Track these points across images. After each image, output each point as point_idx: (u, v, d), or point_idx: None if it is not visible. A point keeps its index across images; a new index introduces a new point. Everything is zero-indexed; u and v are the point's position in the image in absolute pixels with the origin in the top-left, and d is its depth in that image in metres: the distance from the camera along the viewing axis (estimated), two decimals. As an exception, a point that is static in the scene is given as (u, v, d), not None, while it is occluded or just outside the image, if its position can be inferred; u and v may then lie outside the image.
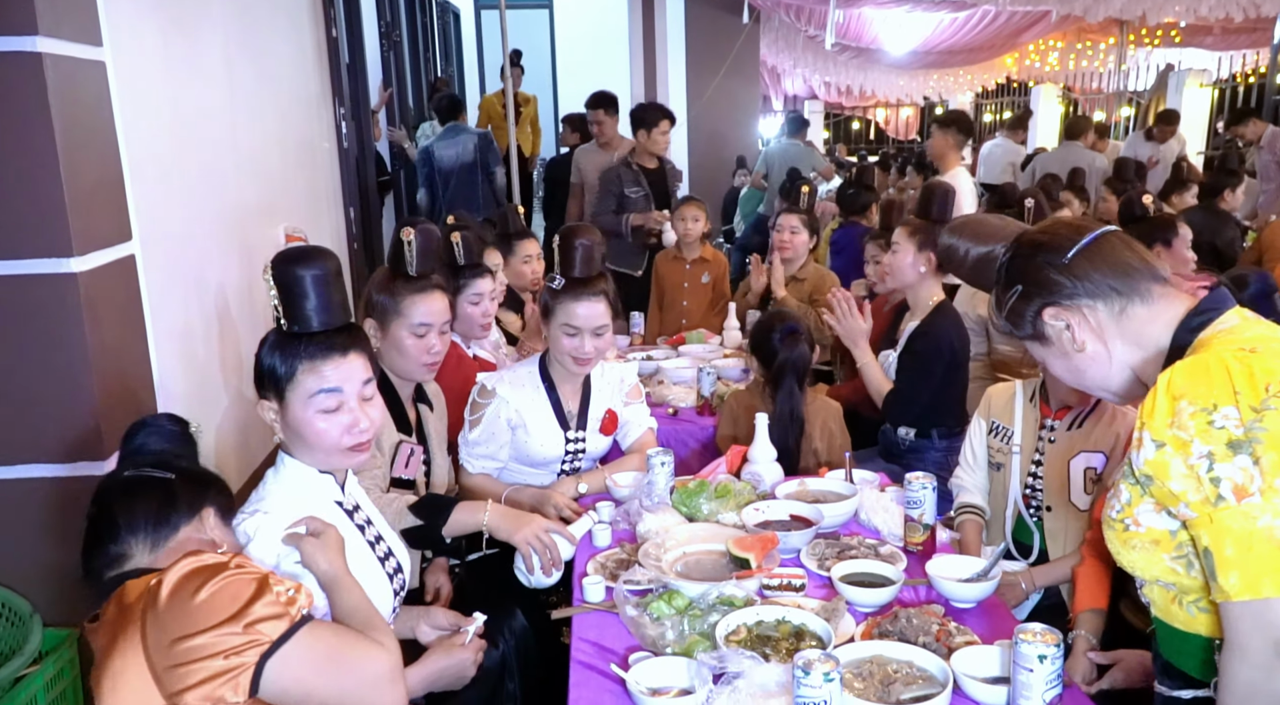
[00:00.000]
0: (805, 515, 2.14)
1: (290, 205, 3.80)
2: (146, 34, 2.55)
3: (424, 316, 2.24)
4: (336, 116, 4.54)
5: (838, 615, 1.71)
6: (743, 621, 1.68)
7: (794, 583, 1.90)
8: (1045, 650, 1.35)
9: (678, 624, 1.68)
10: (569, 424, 2.56)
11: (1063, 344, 1.39)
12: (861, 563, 1.91)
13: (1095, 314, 1.36)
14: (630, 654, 1.64)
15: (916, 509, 2.03)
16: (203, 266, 2.83)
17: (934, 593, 1.85)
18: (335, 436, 1.63)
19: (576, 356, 2.46)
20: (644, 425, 2.69)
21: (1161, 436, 1.18)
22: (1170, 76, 10.67)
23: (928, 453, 3.14)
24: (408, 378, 2.28)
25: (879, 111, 16.17)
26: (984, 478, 2.51)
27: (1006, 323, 1.45)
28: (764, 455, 2.44)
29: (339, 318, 1.65)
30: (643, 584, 1.85)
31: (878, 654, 1.55)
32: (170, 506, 1.40)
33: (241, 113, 3.25)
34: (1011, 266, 1.43)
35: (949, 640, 1.62)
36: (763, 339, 2.84)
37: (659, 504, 2.21)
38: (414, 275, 2.25)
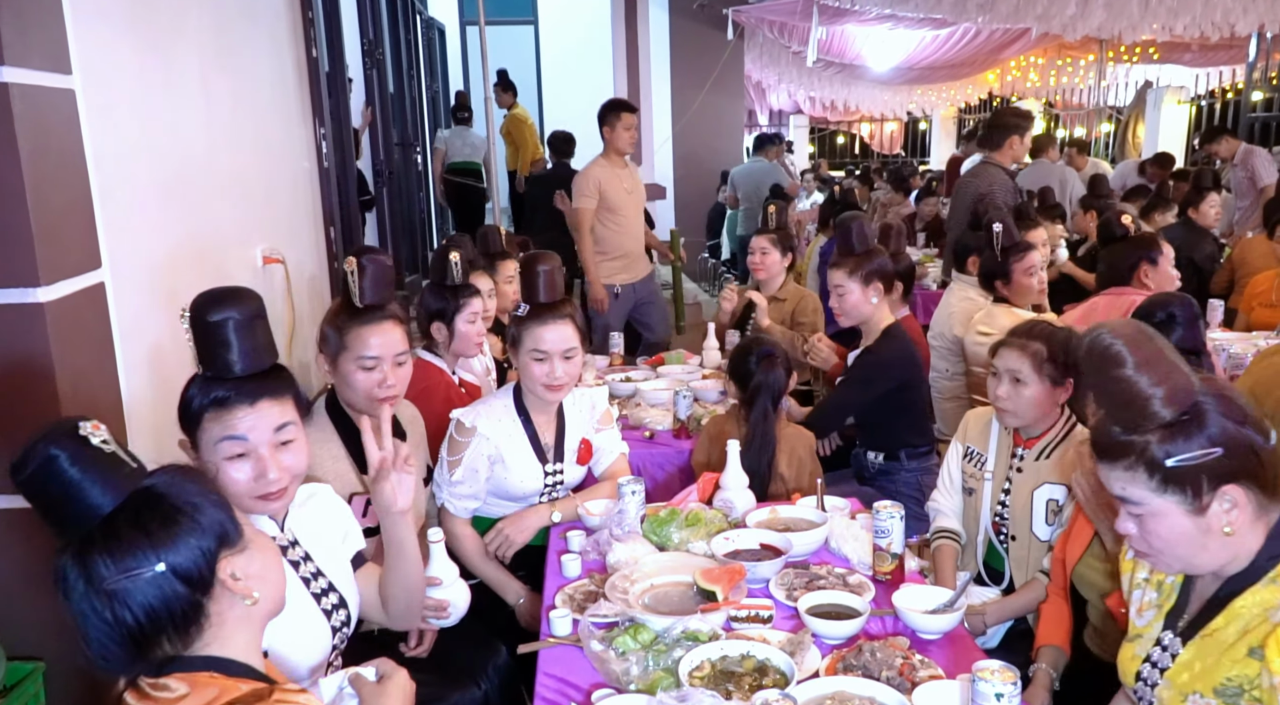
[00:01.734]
0: (775, 544, 2.14)
1: (269, 226, 3.78)
2: (119, 57, 2.54)
3: (372, 349, 2.17)
4: (317, 136, 4.53)
5: (803, 649, 1.71)
6: (707, 657, 1.67)
7: (761, 614, 1.89)
8: (1002, 688, 1.35)
9: (642, 660, 1.67)
10: (546, 456, 2.54)
11: (1210, 518, 1.37)
12: (829, 594, 1.91)
13: (1254, 504, 1.38)
14: (594, 690, 1.64)
15: (884, 538, 2.03)
16: (176, 291, 2.81)
17: (901, 624, 1.85)
18: (243, 485, 1.58)
19: (548, 383, 2.44)
20: (615, 451, 2.68)
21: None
22: (1149, 93, 10.78)
23: (899, 474, 3.16)
24: (364, 412, 2.22)
25: (864, 126, 16.26)
26: (959, 502, 2.52)
27: (1163, 464, 1.36)
28: (736, 482, 2.44)
29: (254, 362, 1.59)
30: (609, 617, 1.84)
31: (840, 690, 1.55)
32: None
33: (219, 133, 3.24)
34: (1218, 428, 1.35)
35: (912, 674, 1.62)
36: (739, 362, 2.86)
37: (629, 533, 2.20)
38: (361, 307, 2.20)
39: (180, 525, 1.15)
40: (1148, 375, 1.34)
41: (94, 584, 1.11)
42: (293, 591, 1.64)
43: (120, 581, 1.11)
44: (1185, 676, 1.44)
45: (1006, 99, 14.50)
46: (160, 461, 1.24)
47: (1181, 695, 1.43)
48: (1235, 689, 1.35)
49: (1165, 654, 1.51)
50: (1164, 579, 1.57)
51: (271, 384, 1.61)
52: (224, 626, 1.19)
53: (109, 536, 1.12)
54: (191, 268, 2.93)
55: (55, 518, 1.13)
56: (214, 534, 1.18)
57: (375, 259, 2.22)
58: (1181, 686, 1.43)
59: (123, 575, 1.11)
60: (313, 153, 4.48)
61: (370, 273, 2.19)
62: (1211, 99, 11.70)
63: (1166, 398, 1.34)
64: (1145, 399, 1.34)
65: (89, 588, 1.11)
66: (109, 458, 1.14)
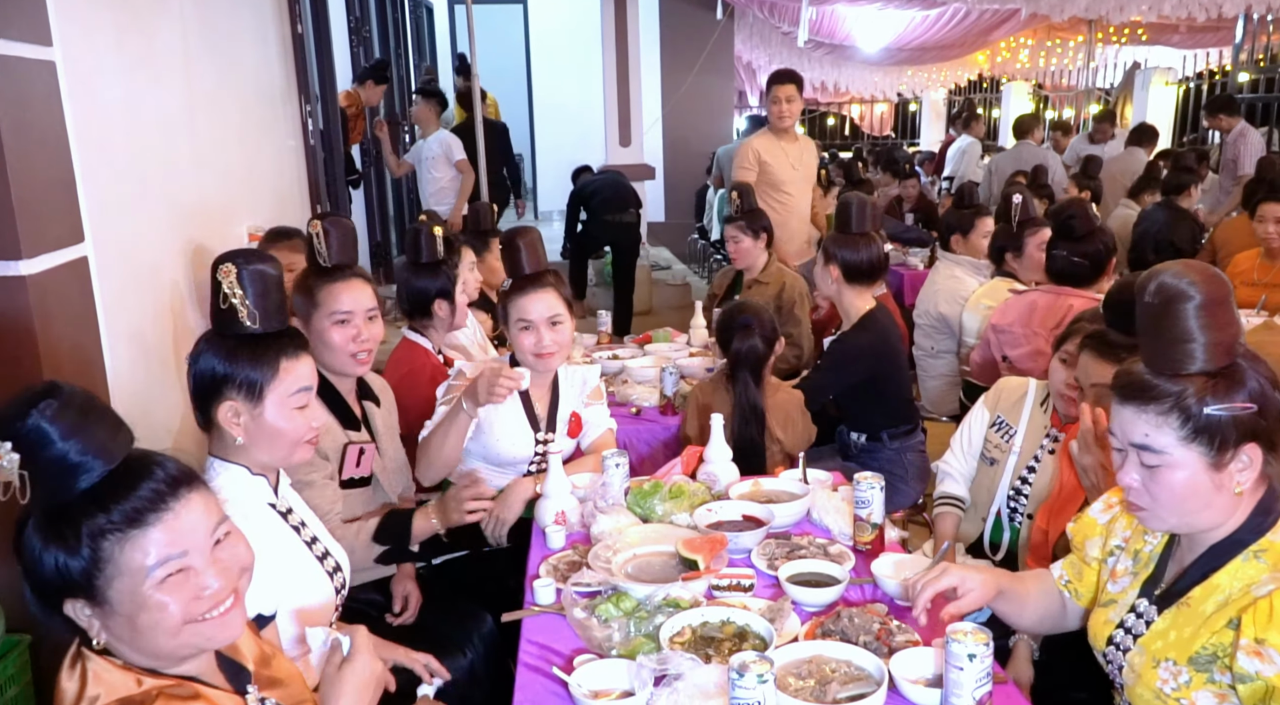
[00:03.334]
0: (757, 515, 2.16)
1: (253, 204, 3.77)
2: (100, 31, 2.52)
3: (344, 303, 2.22)
4: (302, 113, 4.51)
5: (783, 615, 1.73)
6: (688, 623, 1.69)
7: (743, 583, 1.92)
8: (975, 649, 1.38)
9: (624, 626, 1.69)
10: (539, 425, 2.57)
11: (1222, 475, 1.37)
12: (809, 562, 1.93)
13: (1259, 469, 1.39)
14: (576, 656, 1.66)
15: (865, 508, 2.05)
16: (160, 267, 2.81)
17: (879, 591, 1.88)
18: (303, 431, 1.73)
19: (537, 352, 2.48)
20: (603, 426, 2.70)
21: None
22: (1137, 74, 10.79)
23: (881, 452, 3.18)
24: (341, 373, 2.26)
25: (854, 107, 16.23)
26: (973, 468, 2.50)
27: (1198, 413, 1.35)
28: (720, 455, 2.45)
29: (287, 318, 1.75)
30: (592, 586, 1.87)
31: (817, 654, 1.57)
32: None
33: (201, 110, 3.22)
34: (1256, 385, 1.36)
35: (889, 639, 1.64)
36: (722, 330, 2.89)
37: (613, 505, 2.22)
38: (328, 267, 2.25)
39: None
40: (1208, 317, 1.34)
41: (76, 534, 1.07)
42: (299, 554, 1.73)
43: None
44: (1159, 644, 1.46)
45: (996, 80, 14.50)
46: (144, 436, 1.21)
47: (1154, 661, 1.45)
48: (1209, 656, 1.37)
49: (1140, 621, 1.53)
50: (1142, 548, 1.58)
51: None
52: (121, 638, 1.13)
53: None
54: (176, 244, 2.93)
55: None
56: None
57: (338, 221, 2.27)
58: (1155, 653, 1.45)
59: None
60: (298, 131, 4.46)
61: (335, 235, 2.23)
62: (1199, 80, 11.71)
63: (1213, 346, 1.34)
64: (1196, 342, 1.34)
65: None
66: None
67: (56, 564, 1.09)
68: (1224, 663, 1.36)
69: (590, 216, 7.37)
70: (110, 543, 1.08)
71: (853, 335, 3.13)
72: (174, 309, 2.87)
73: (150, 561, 1.09)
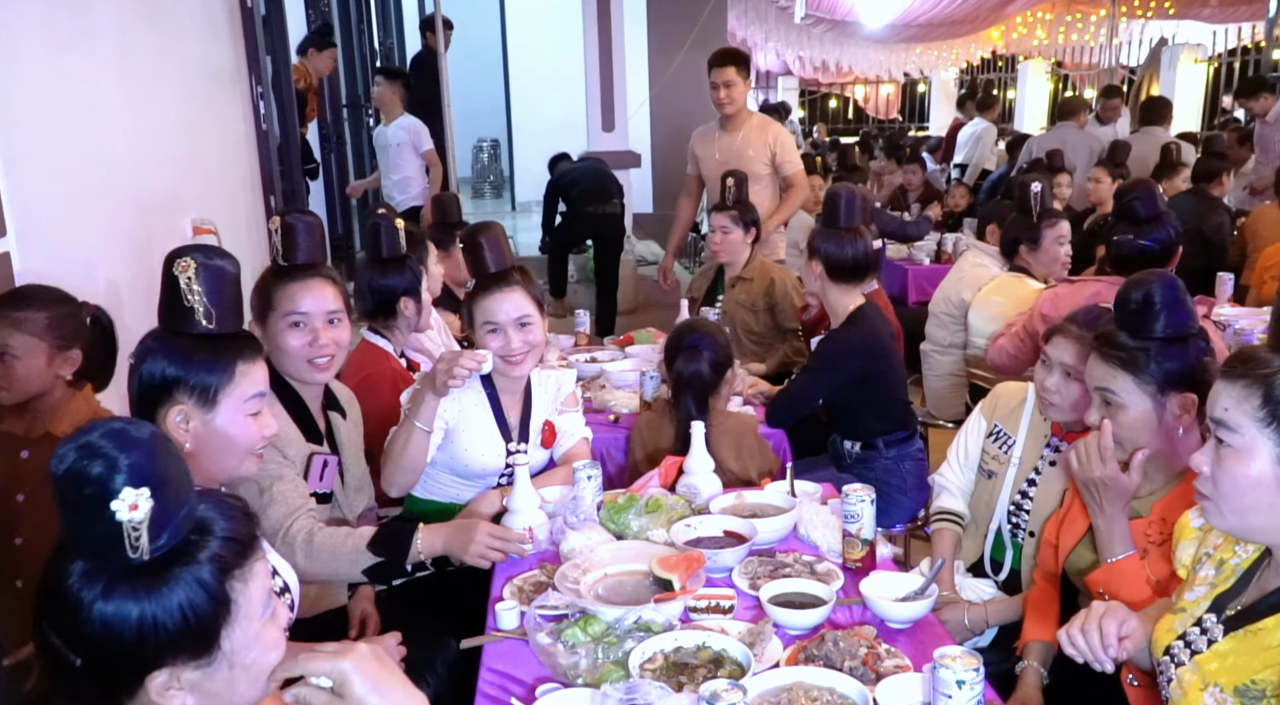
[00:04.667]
0: (739, 531, 2.17)
1: (199, 195, 3.78)
2: (25, 5, 2.52)
3: (301, 305, 2.22)
4: (253, 95, 4.51)
5: (763, 639, 1.74)
6: (660, 648, 1.70)
7: (722, 604, 1.92)
8: (964, 675, 1.39)
9: (591, 652, 1.70)
10: (510, 434, 2.58)
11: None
12: (793, 582, 1.94)
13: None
14: (539, 685, 1.66)
15: (854, 523, 2.06)
16: (94, 264, 2.81)
17: (869, 613, 1.89)
18: (254, 439, 1.77)
19: (506, 356, 2.48)
20: (578, 435, 2.71)
21: None
22: (1163, 51, 10.86)
23: (877, 462, 3.20)
24: (301, 380, 2.27)
25: (858, 88, 16.30)
26: (971, 481, 2.51)
27: (1273, 401, 1.36)
28: (701, 466, 2.47)
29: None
30: (559, 609, 1.87)
31: (798, 681, 1.58)
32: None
33: (140, 92, 3.22)
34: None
35: (877, 664, 1.65)
36: (669, 348, 2.82)
37: (585, 521, 2.23)
38: (288, 265, 2.25)
39: (148, 604, 1.04)
40: None
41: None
42: None
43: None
44: (1214, 666, 1.45)
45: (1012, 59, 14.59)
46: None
47: (1202, 684, 1.44)
48: (1257, 692, 1.36)
49: (1203, 637, 1.51)
50: (1228, 558, 1.57)
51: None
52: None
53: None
54: (111, 237, 2.93)
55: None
56: (181, 635, 1.06)
57: (303, 218, 2.27)
58: (1207, 675, 1.44)
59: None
60: (249, 114, 4.46)
61: (298, 231, 2.23)
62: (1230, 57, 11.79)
63: None
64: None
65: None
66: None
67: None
68: (1270, 700, 1.35)
69: (570, 208, 7.39)
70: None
71: (841, 332, 3.14)
72: (111, 306, 2.86)
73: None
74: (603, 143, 8.33)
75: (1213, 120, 11.04)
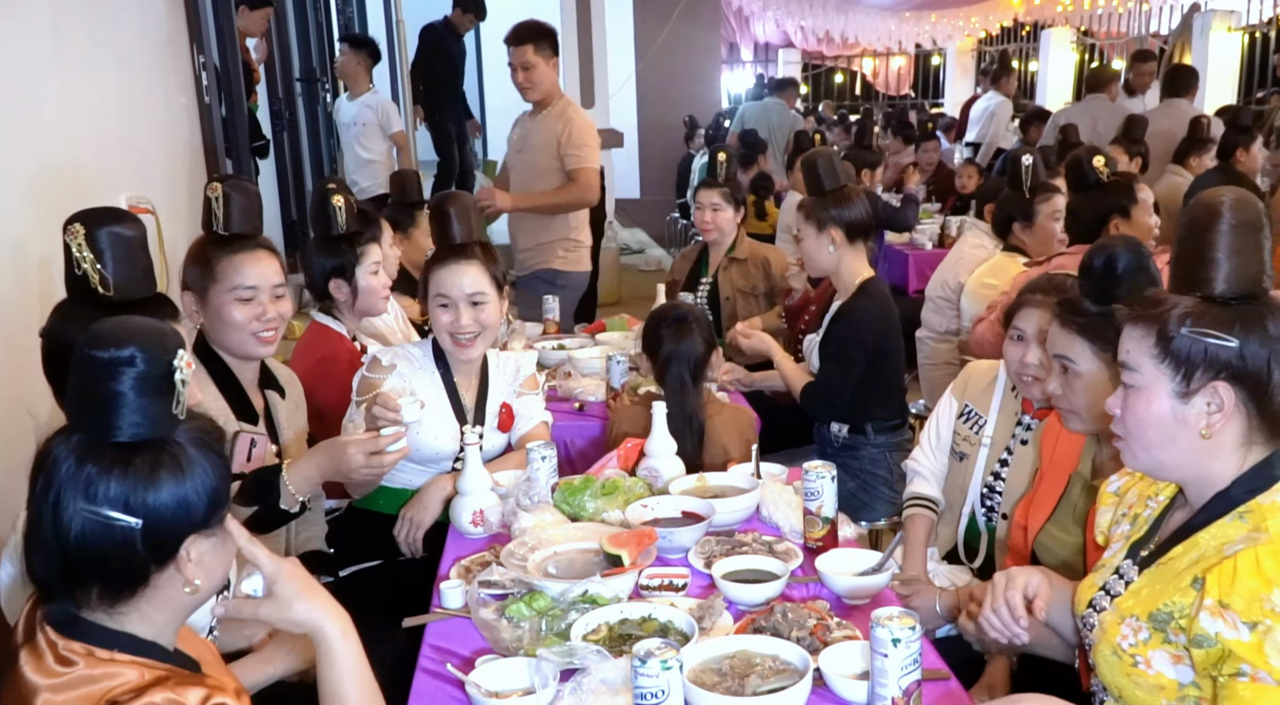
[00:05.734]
0: (697, 511, 2.31)
1: (138, 171, 3.90)
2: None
3: (249, 278, 2.33)
4: (195, 66, 4.64)
5: (713, 613, 1.88)
6: (605, 620, 1.84)
7: (675, 582, 2.06)
8: (900, 633, 1.53)
9: (536, 625, 1.84)
10: (465, 417, 2.71)
11: (1190, 410, 1.53)
12: (748, 559, 2.09)
13: (1242, 426, 1.54)
14: (479, 657, 1.80)
15: (815, 501, 2.19)
16: (24, 245, 2.93)
17: (825, 590, 2.03)
18: None
19: (455, 333, 2.60)
20: (536, 419, 2.84)
21: (1256, 617, 1.41)
22: (1195, 19, 11.00)
23: (864, 449, 3.34)
24: (242, 355, 2.39)
25: (866, 62, 16.46)
26: (944, 465, 2.66)
27: (1174, 332, 1.52)
28: (662, 449, 2.59)
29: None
30: (506, 587, 2.00)
31: (742, 649, 1.72)
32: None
33: (72, 62, 3.34)
34: (1253, 329, 1.50)
35: (826, 635, 1.80)
36: (651, 330, 2.94)
37: (539, 503, 2.36)
38: (229, 235, 2.36)
39: (182, 490, 1.29)
40: (1231, 239, 1.52)
41: (71, 487, 1.25)
42: None
43: (92, 513, 1.25)
44: (1131, 602, 1.62)
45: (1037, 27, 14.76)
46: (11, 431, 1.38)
47: (1120, 618, 1.61)
48: (1166, 615, 1.53)
49: (1120, 581, 1.69)
50: (1141, 513, 1.76)
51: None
52: (153, 601, 1.34)
53: (119, 462, 1.26)
54: (38, 216, 3.05)
55: (84, 406, 1.28)
56: (202, 510, 1.32)
57: (240, 184, 2.39)
58: (1123, 611, 1.62)
59: (98, 507, 1.25)
60: (190, 86, 4.59)
61: (238, 200, 2.35)
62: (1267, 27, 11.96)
63: (1230, 272, 1.52)
64: (1216, 263, 1.52)
65: (63, 484, 1.26)
66: (172, 392, 1.29)
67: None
68: (1179, 623, 1.51)
69: (546, 190, 7.50)
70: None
71: (858, 304, 3.28)
72: (43, 293, 2.98)
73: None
74: (581, 120, 8.44)
75: (1249, 93, 11.18)
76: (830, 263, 3.33)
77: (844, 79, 17.10)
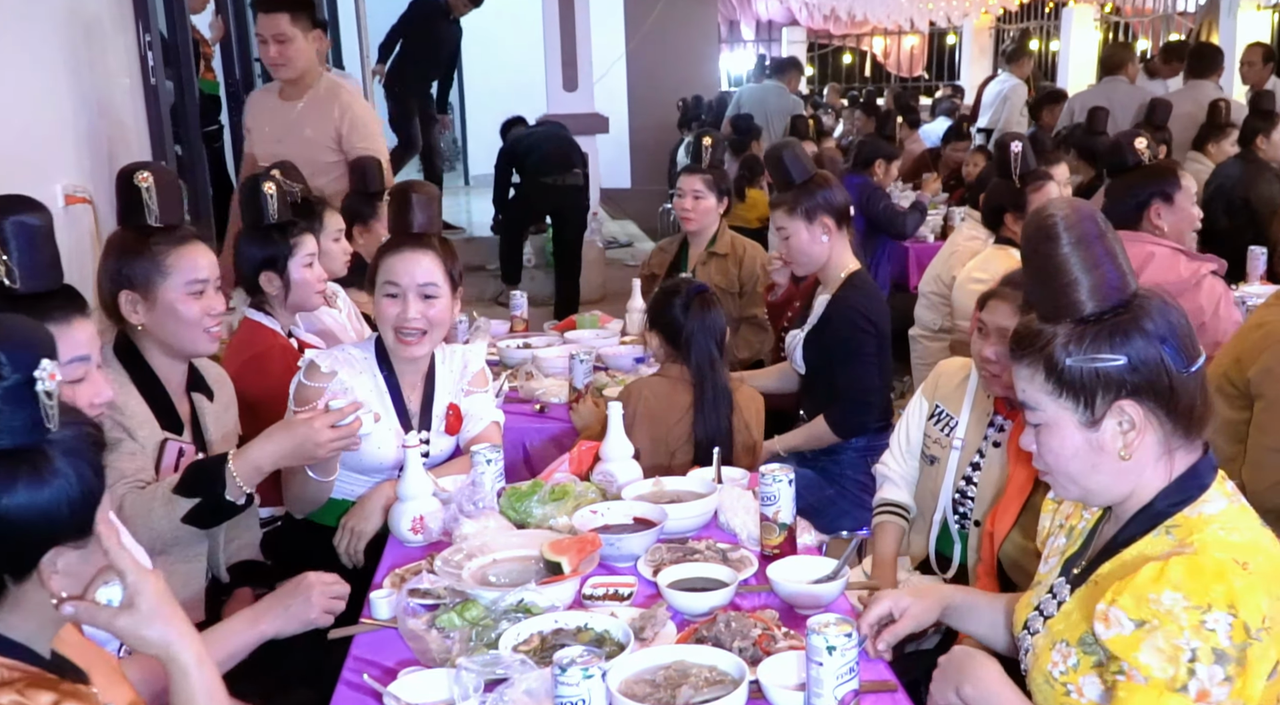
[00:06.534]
0: (648, 517, 2.35)
1: (74, 158, 3.92)
2: None
3: (202, 270, 2.38)
4: (140, 45, 4.66)
5: (655, 623, 1.92)
6: (538, 630, 1.88)
7: (621, 591, 2.10)
8: (835, 641, 1.57)
9: (466, 635, 1.88)
10: (410, 423, 2.73)
11: (1104, 435, 1.57)
12: (698, 567, 2.12)
13: (1158, 436, 1.57)
14: (403, 669, 1.84)
15: (771, 505, 2.23)
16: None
17: (777, 598, 2.07)
18: (84, 402, 1.87)
19: (401, 327, 2.60)
20: (486, 418, 2.86)
21: (1143, 616, 1.44)
22: (1224, -4, 11.04)
23: (845, 453, 3.38)
24: (191, 353, 2.43)
25: (876, 41, 16.51)
26: (914, 469, 2.70)
27: (1060, 364, 1.56)
28: (619, 452, 2.63)
29: None
30: (439, 596, 2.04)
31: (680, 659, 1.76)
32: None
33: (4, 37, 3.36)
34: (1135, 336, 1.53)
35: (771, 646, 1.83)
36: (662, 309, 3.01)
37: (484, 509, 2.40)
38: (163, 226, 2.39)
39: (39, 500, 1.29)
40: (1079, 257, 1.55)
41: None
42: None
43: None
44: (1061, 625, 1.66)
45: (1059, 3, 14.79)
46: None
47: (1050, 643, 1.65)
48: (1093, 639, 1.55)
49: (1054, 601, 1.72)
50: (1076, 524, 1.80)
51: None
52: (17, 611, 1.35)
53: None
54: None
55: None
56: (66, 521, 1.32)
57: (161, 170, 2.43)
58: (1054, 634, 1.65)
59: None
60: (135, 67, 4.61)
61: (166, 189, 2.39)
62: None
63: (1092, 288, 1.55)
64: (1070, 283, 1.55)
65: None
66: (35, 401, 1.29)
67: None
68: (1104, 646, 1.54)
69: (525, 178, 7.53)
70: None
71: (849, 296, 3.34)
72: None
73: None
74: (564, 104, 8.43)
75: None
76: (823, 254, 3.38)
77: (853, 59, 17.15)
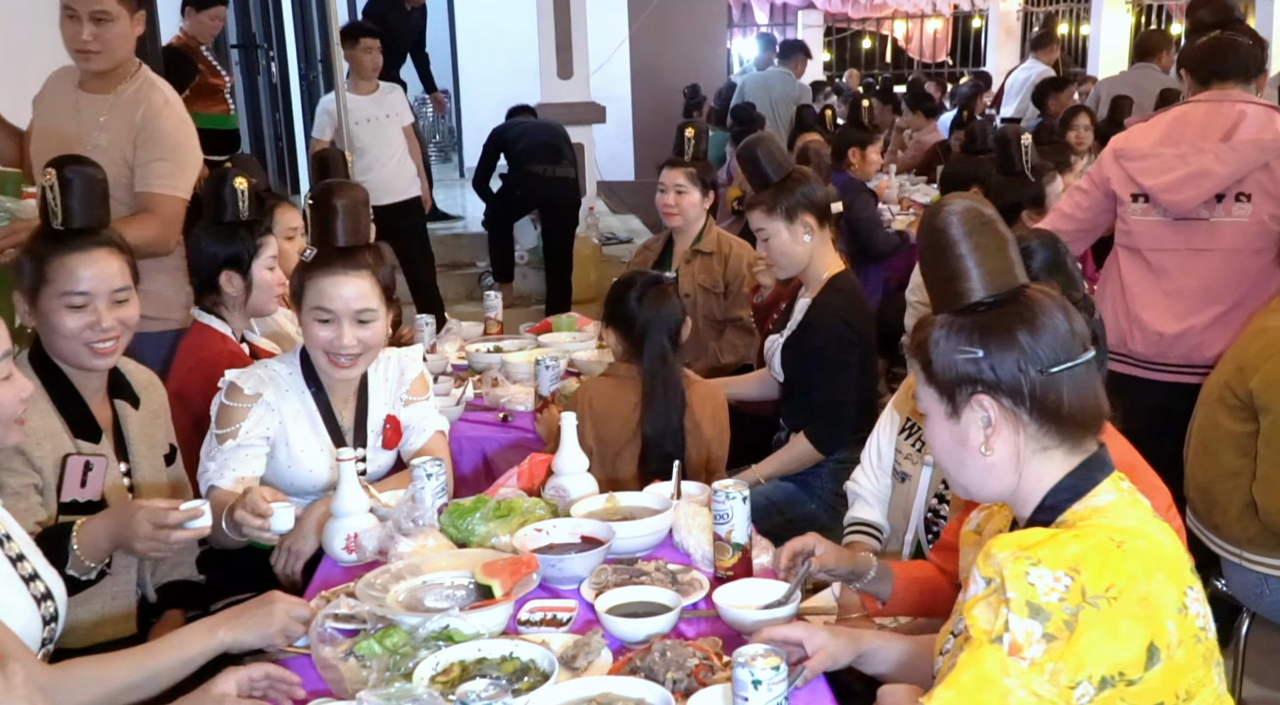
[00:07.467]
0: (596, 535, 2.31)
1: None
2: None
3: (81, 282, 2.32)
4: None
5: (589, 651, 1.89)
6: (460, 658, 1.84)
7: (560, 617, 2.07)
8: (762, 674, 1.53)
9: (384, 665, 1.84)
10: (343, 439, 2.69)
11: (967, 431, 1.61)
12: (642, 590, 2.09)
13: (1023, 434, 1.59)
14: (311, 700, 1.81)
15: (724, 524, 2.19)
16: None
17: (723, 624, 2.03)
18: (7, 407, 1.88)
19: (333, 352, 2.55)
20: (430, 429, 2.83)
21: (989, 573, 1.48)
22: (1265, -23, 10.96)
23: (824, 466, 3.33)
24: (76, 366, 2.39)
25: (897, 25, 16.44)
26: (886, 486, 2.68)
27: (927, 359, 1.61)
28: (573, 464, 2.60)
29: None
30: (361, 621, 2.00)
31: (606, 691, 1.73)
32: None
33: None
34: (999, 329, 1.56)
35: (708, 677, 1.79)
36: (618, 300, 3.00)
37: (424, 526, 2.36)
38: (64, 229, 2.34)
39: None
40: (966, 248, 1.59)
41: None
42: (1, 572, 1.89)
43: None
44: None
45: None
46: None
47: (939, 649, 1.68)
48: None
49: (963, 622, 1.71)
50: None
51: None
52: None
53: None
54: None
55: None
56: None
57: (82, 170, 2.36)
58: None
59: None
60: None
61: (77, 186, 2.33)
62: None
63: (982, 278, 1.58)
64: (960, 274, 1.59)
65: None
66: None
67: None
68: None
69: (512, 167, 7.48)
70: None
71: (830, 300, 3.32)
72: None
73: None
74: (558, 93, 8.39)
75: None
76: (805, 254, 3.34)
77: (873, 44, 17.06)
